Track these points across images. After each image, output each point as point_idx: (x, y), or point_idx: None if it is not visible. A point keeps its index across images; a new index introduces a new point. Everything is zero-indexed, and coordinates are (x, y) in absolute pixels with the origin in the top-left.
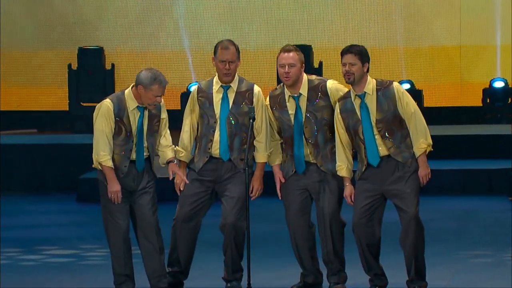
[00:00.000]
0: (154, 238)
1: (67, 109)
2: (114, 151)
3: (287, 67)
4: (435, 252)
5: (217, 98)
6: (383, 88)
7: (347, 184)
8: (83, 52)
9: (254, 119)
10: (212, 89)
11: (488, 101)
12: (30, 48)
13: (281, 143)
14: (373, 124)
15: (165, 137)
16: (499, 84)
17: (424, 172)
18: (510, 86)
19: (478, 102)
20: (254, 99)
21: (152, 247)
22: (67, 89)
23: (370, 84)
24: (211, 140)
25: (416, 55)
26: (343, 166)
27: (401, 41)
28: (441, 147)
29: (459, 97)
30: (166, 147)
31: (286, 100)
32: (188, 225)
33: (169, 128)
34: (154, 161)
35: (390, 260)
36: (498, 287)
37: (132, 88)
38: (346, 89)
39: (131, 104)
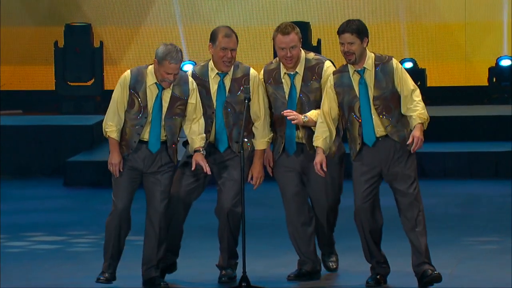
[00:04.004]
0: (157, 226)
1: (54, 88)
2: (126, 124)
3: (288, 51)
4: (439, 238)
5: (214, 87)
6: (382, 64)
7: (319, 152)
8: (70, 29)
9: (249, 99)
10: (208, 77)
11: (494, 80)
12: (15, 25)
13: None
14: (371, 101)
15: (198, 124)
16: (506, 63)
17: (418, 134)
18: None
19: (484, 82)
20: (250, 84)
21: (153, 233)
22: (54, 67)
23: (370, 59)
24: (209, 131)
25: (419, 32)
26: (320, 137)
27: (403, 18)
28: (445, 129)
29: (464, 76)
30: (196, 134)
31: (282, 77)
32: (180, 202)
33: None
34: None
35: (391, 248)
36: (504, 275)
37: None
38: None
39: (150, 79)
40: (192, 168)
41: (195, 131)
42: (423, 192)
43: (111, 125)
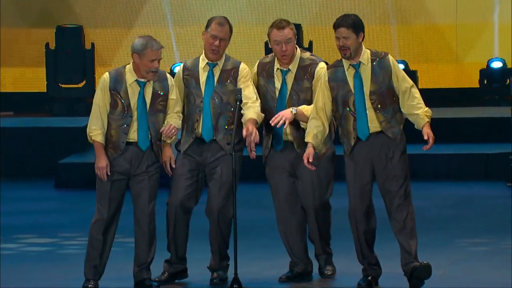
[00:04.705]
0: (146, 227)
1: (45, 90)
2: (111, 126)
3: (283, 45)
4: (431, 240)
5: (203, 76)
6: (378, 59)
7: (309, 146)
8: (61, 31)
9: (241, 101)
10: (199, 67)
11: (485, 82)
12: (5, 26)
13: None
14: (366, 96)
15: (178, 116)
16: (497, 65)
17: (431, 133)
18: (508, 66)
19: (475, 84)
20: (239, 75)
21: (142, 236)
22: (45, 69)
23: (365, 54)
24: (197, 120)
25: (410, 34)
26: (311, 132)
27: (394, 19)
28: (436, 131)
29: (455, 78)
30: (174, 117)
31: (274, 72)
32: (180, 210)
33: None
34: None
35: (382, 250)
36: (497, 276)
37: (132, 61)
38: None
39: (130, 77)
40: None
41: (173, 115)
42: (415, 194)
43: (95, 129)
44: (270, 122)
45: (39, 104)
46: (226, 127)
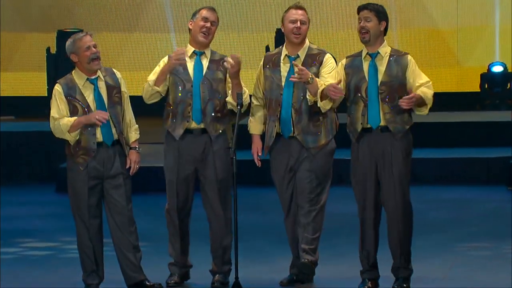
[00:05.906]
0: (127, 232)
1: (46, 94)
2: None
3: (299, 22)
4: (432, 243)
5: (191, 65)
6: (397, 56)
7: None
8: (62, 35)
9: (242, 105)
10: (184, 55)
11: (486, 86)
12: (6, 30)
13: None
14: (378, 85)
15: (129, 113)
16: (497, 69)
17: (412, 96)
18: (509, 70)
19: (475, 88)
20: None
21: (127, 242)
22: (46, 73)
23: (386, 47)
24: (190, 105)
25: (411, 39)
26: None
27: (395, 24)
28: (437, 135)
29: (456, 82)
30: (129, 126)
31: (281, 60)
32: (182, 213)
33: (149, 113)
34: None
35: (383, 252)
36: (497, 281)
37: (75, 65)
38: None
39: (80, 79)
40: (126, 166)
41: (128, 123)
42: (416, 198)
43: (65, 122)
44: (295, 66)
45: (40, 108)
46: (213, 114)
